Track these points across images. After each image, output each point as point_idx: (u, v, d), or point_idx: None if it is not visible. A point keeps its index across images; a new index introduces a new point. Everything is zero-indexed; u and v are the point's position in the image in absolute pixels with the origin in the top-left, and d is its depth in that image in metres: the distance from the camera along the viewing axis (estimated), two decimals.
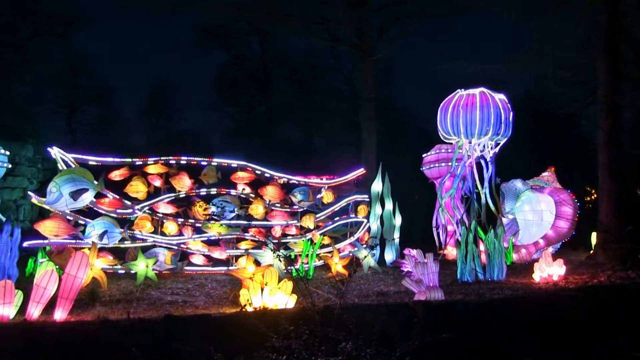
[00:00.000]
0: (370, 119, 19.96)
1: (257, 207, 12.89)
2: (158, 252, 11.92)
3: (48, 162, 18.32)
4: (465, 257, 11.76)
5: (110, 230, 11.43)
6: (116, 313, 8.36)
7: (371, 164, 18.19)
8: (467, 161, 12.49)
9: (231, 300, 9.28)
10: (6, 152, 11.35)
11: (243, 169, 13.01)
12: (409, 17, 20.88)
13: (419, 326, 4.87)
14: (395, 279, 12.19)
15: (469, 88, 12.29)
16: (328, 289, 10.30)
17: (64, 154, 11.83)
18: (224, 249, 12.61)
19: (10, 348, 6.03)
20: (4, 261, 10.54)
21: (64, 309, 7.80)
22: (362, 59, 20.47)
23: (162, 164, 12.46)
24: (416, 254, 11.51)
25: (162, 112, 30.47)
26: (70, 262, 7.90)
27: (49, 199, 11.04)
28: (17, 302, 7.81)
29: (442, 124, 12.37)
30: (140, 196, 12.26)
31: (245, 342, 5.56)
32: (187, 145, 20.83)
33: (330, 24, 21.24)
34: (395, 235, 15.31)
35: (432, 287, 9.49)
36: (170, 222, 12.30)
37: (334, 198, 13.97)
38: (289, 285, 8.30)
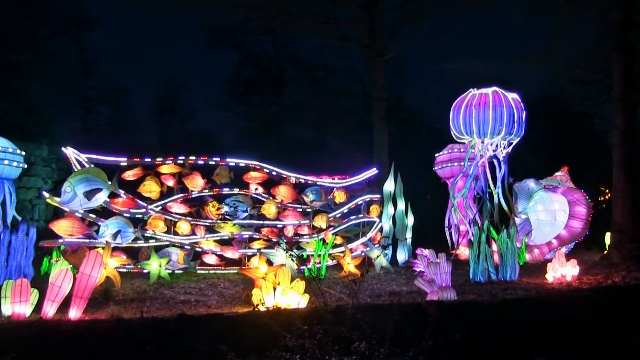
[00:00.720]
0: (382, 119, 19.95)
1: (270, 207, 12.93)
2: (171, 251, 12.00)
3: (62, 162, 18.47)
4: (478, 257, 11.70)
5: (123, 229, 11.52)
6: (130, 312, 8.42)
7: (383, 163, 18.16)
8: (479, 161, 12.45)
9: (243, 300, 9.31)
10: (22, 152, 11.44)
11: (256, 168, 13.05)
12: (420, 16, 20.85)
13: (432, 326, 4.86)
14: (407, 279, 12.16)
15: (481, 87, 12.25)
16: (340, 289, 10.31)
17: (78, 154, 11.94)
18: (237, 249, 12.66)
19: (26, 346, 6.09)
20: (20, 260, 10.70)
21: (79, 308, 7.87)
22: (374, 59, 20.47)
23: (175, 164, 12.54)
24: (428, 254, 11.50)
25: (175, 112, 30.62)
26: (85, 261, 7.97)
27: (63, 198, 11.14)
28: (33, 301, 7.91)
29: (455, 123, 12.34)
30: (154, 196, 12.34)
31: (258, 342, 5.57)
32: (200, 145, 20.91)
33: (341, 24, 21.25)
34: (408, 235, 15.29)
35: (445, 287, 9.47)
36: (183, 222, 12.37)
37: (346, 198, 13.98)
38: (301, 284, 8.31)
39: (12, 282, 7.92)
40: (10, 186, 11.42)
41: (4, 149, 11.03)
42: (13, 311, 7.77)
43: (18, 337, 6.51)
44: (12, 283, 7.90)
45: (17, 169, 11.33)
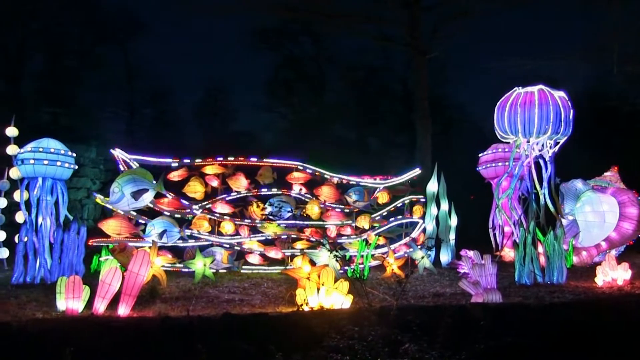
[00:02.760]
0: (424, 118, 19.80)
1: (313, 207, 12.99)
2: (215, 251, 12.17)
3: (109, 163, 18.98)
4: (524, 259, 11.51)
5: (169, 229, 11.75)
6: (176, 310, 8.58)
7: (426, 163, 18.04)
8: (525, 161, 12.24)
9: (287, 300, 9.37)
10: (73, 154, 11.78)
11: (298, 169, 13.13)
12: (462, 14, 20.62)
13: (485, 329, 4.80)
14: (451, 281, 12.05)
15: (526, 86, 12.04)
16: (383, 290, 10.29)
17: (126, 156, 12.23)
18: (280, 249, 12.76)
19: (81, 340, 6.27)
20: (71, 258, 11.03)
21: (127, 305, 8.06)
22: (416, 58, 20.33)
23: (219, 164, 12.72)
24: (473, 256, 11.36)
25: (217, 113, 31.01)
26: (133, 260, 8.17)
27: (111, 199, 11.43)
28: (85, 297, 8.15)
29: (499, 122, 12.16)
30: (198, 196, 12.56)
31: (303, 342, 5.62)
32: (242, 145, 21.19)
33: (382, 23, 21.20)
34: (451, 236, 15.14)
35: (490, 289, 9.34)
36: (227, 222, 12.53)
37: (389, 198, 13.93)
38: (345, 285, 8.33)
39: (65, 279, 8.18)
40: (63, 187, 11.77)
41: (57, 151, 11.38)
42: (67, 306, 8.03)
43: (73, 332, 6.71)
44: (66, 280, 8.15)
45: (69, 170, 11.68)
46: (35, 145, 11.37)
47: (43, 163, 11.24)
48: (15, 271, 10.94)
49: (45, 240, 11.27)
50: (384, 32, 21.84)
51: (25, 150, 11.35)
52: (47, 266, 11.04)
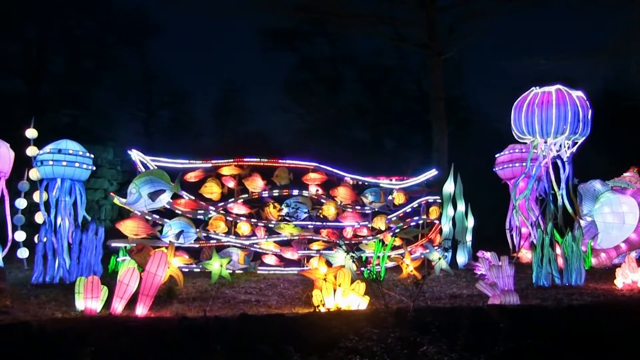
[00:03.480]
0: (440, 119, 19.73)
1: (329, 208, 12.99)
2: (232, 252, 12.22)
3: (126, 164, 19.16)
4: (541, 261, 11.42)
5: (186, 230, 11.82)
6: (193, 310, 8.62)
7: (442, 164, 17.98)
8: (542, 161, 12.14)
9: (304, 301, 9.38)
10: (91, 155, 11.89)
11: (315, 170, 13.14)
12: (479, 14, 20.52)
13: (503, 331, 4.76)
14: (467, 282, 11.99)
15: (544, 85, 11.94)
16: (400, 291, 10.26)
17: (143, 157, 12.33)
18: (296, 250, 12.78)
19: (98, 339, 6.32)
20: (90, 258, 11.14)
21: (145, 305, 8.12)
22: (432, 58, 20.27)
23: (235, 165, 12.77)
24: (490, 257, 11.29)
25: (233, 114, 31.14)
26: (150, 260, 8.22)
27: (129, 199, 11.52)
28: (103, 297, 8.22)
29: (516, 123, 12.07)
30: (215, 197, 12.62)
31: (320, 343, 5.61)
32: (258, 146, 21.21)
33: (398, 23, 21.16)
34: (468, 237, 15.06)
35: (507, 290, 9.27)
36: (244, 223, 12.58)
37: (405, 199, 13.90)
38: (361, 286, 8.32)
39: (84, 279, 8.25)
40: (81, 187, 11.88)
41: (75, 152, 11.49)
42: (85, 306, 8.10)
43: (92, 331, 6.77)
44: (85, 280, 8.23)
45: (87, 171, 11.78)
46: (54, 146, 11.49)
47: (62, 164, 11.36)
48: (35, 271, 11.06)
49: (64, 241, 11.38)
50: (400, 33, 21.81)
51: (44, 152, 11.48)
52: (66, 266, 11.16)
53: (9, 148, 12.75)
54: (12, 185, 13.02)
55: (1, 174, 12.72)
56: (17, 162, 12.84)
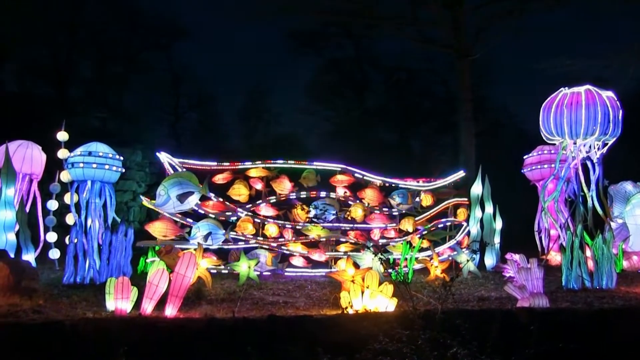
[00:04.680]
0: (468, 120, 19.58)
1: (356, 210, 12.99)
2: (259, 253, 12.29)
3: (155, 166, 19.39)
4: (571, 263, 11.26)
5: (214, 231, 11.91)
6: (221, 312, 8.67)
7: (470, 166, 17.83)
8: (571, 163, 11.99)
9: (331, 302, 9.39)
10: (120, 157, 12.06)
11: (342, 172, 13.16)
12: (506, 14, 20.32)
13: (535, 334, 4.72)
14: (496, 285, 11.88)
15: (573, 86, 11.79)
16: (428, 293, 10.20)
17: (172, 159, 12.47)
18: (324, 251, 12.80)
19: (129, 339, 6.42)
20: (119, 259, 11.29)
21: (174, 306, 8.20)
22: (459, 60, 20.11)
23: (263, 167, 12.85)
24: (519, 259, 11.18)
25: (260, 116, 31.31)
26: (179, 262, 8.31)
27: (158, 201, 11.65)
28: (133, 298, 8.32)
29: (545, 124, 11.93)
30: (243, 199, 12.71)
31: (349, 344, 5.62)
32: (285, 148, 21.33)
33: (424, 25, 21.05)
34: (496, 239, 14.92)
35: (537, 293, 9.17)
36: (271, 225, 12.64)
37: (433, 201, 13.84)
38: (389, 288, 8.30)
39: (114, 280, 8.37)
40: (111, 189, 12.05)
41: (105, 155, 11.66)
42: (116, 307, 8.22)
43: (123, 331, 6.88)
44: (115, 281, 8.35)
45: (117, 173, 11.95)
46: (84, 149, 11.67)
47: (92, 167, 11.53)
48: (66, 272, 11.24)
49: (94, 242, 11.54)
50: (426, 34, 21.72)
51: (75, 154, 11.67)
52: (96, 267, 11.32)
53: (41, 151, 13.03)
54: (44, 187, 13.28)
55: (33, 176, 12.99)
56: (48, 164, 13.11)
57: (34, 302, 8.56)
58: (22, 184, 12.74)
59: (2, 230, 11.57)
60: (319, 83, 31.52)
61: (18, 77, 24.94)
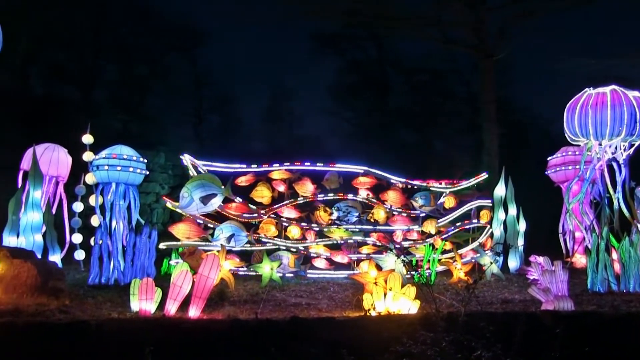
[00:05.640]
0: (491, 122, 19.43)
1: (379, 212, 12.98)
2: (282, 255, 12.32)
3: (177, 169, 19.54)
4: (597, 266, 11.11)
5: (237, 233, 11.98)
6: (244, 313, 8.71)
7: (493, 167, 17.70)
8: (597, 164, 11.83)
9: (354, 304, 9.38)
10: (144, 160, 12.19)
11: (365, 174, 13.15)
12: (529, 14, 20.13)
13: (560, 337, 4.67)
14: (519, 287, 11.77)
15: (598, 86, 11.64)
16: (450, 295, 10.15)
17: (195, 161, 12.56)
18: (346, 253, 12.79)
19: (153, 339, 6.47)
20: (143, 260, 11.40)
21: (198, 307, 8.26)
22: (482, 60, 19.99)
23: (285, 170, 12.88)
24: (543, 261, 11.07)
25: (282, 118, 31.40)
26: (203, 263, 8.38)
27: (181, 203, 11.75)
28: (157, 299, 8.41)
29: (569, 125, 11.81)
30: (265, 201, 12.75)
31: (372, 346, 5.62)
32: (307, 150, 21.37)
33: (447, 25, 20.95)
34: (520, 242, 14.78)
35: (561, 296, 9.07)
36: (294, 226, 12.67)
37: (455, 203, 13.76)
38: (412, 290, 8.28)
39: (139, 281, 8.46)
40: (135, 192, 12.18)
41: (129, 158, 11.80)
42: (140, 307, 8.30)
43: (147, 332, 6.94)
44: (139, 282, 8.44)
45: (141, 175, 12.08)
46: (109, 151, 11.82)
47: (116, 169, 11.66)
48: (91, 272, 11.36)
49: (118, 243, 11.67)
50: (449, 35, 21.61)
51: (99, 157, 11.81)
52: (121, 268, 11.44)
53: (67, 153, 13.22)
54: (70, 189, 13.45)
55: (59, 179, 13.18)
56: (74, 166, 13.28)
57: (60, 302, 8.67)
58: (48, 186, 12.91)
59: (30, 232, 11.75)
60: (341, 84, 31.53)
61: (45, 81, 25.35)
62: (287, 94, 31.86)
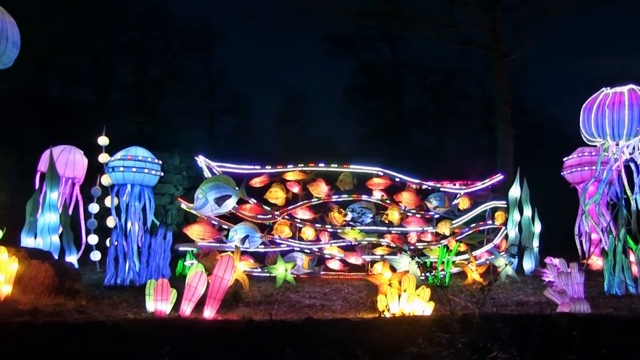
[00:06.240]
0: (506, 123, 19.33)
1: (393, 213, 12.95)
2: (296, 256, 12.33)
3: (192, 170, 19.64)
4: (614, 268, 11.00)
5: (251, 234, 12.01)
6: (259, 314, 8.73)
7: (508, 168, 17.60)
8: (614, 165, 11.72)
9: (368, 306, 9.37)
10: (159, 161, 12.26)
11: (379, 175, 13.13)
12: (544, 14, 20.00)
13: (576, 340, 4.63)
14: (534, 289, 11.70)
15: (615, 86, 11.54)
16: (465, 297, 10.11)
17: (209, 163, 12.62)
18: (360, 255, 12.78)
19: (169, 339, 6.51)
20: (158, 261, 11.47)
21: (213, 308, 8.29)
22: (496, 61, 19.89)
23: (299, 171, 12.90)
24: (559, 263, 10.99)
25: (295, 120, 31.43)
26: (218, 264, 8.41)
27: (196, 204, 11.80)
28: (172, 299, 8.45)
29: (585, 125, 11.70)
30: (279, 202, 12.78)
31: (387, 347, 5.61)
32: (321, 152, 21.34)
33: (461, 26, 20.87)
34: (535, 243, 14.68)
35: (577, 298, 9.00)
36: (308, 228, 12.69)
37: (470, 204, 13.70)
38: (426, 292, 8.26)
39: (154, 282, 8.51)
40: (150, 193, 12.25)
41: (144, 159, 11.87)
42: (155, 308, 8.35)
43: (163, 332, 6.98)
44: (154, 282, 8.49)
45: (156, 177, 12.14)
46: (124, 153, 11.90)
47: (132, 170, 11.73)
48: (107, 273, 11.44)
49: (133, 244, 11.74)
50: (463, 36, 21.51)
51: (115, 159, 11.89)
52: (136, 269, 11.51)
53: (83, 155, 13.33)
54: (86, 190, 13.57)
55: (76, 180, 13.30)
56: (89, 168, 13.39)
57: (77, 303, 8.74)
58: (65, 188, 13.03)
59: (47, 233, 11.85)
60: (355, 86, 31.53)
61: (61, 84, 25.62)
62: (301, 95, 31.94)
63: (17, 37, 10.46)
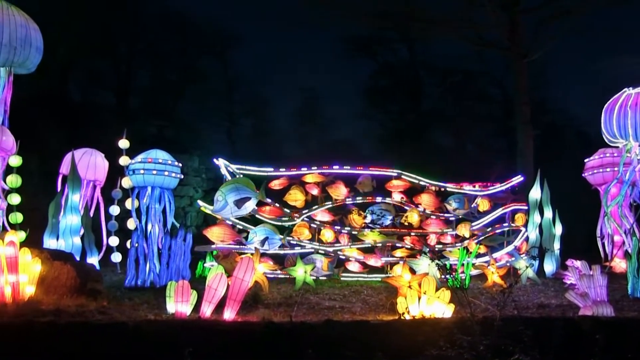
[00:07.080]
0: (526, 124, 19.17)
1: (412, 215, 12.91)
2: (315, 258, 12.33)
3: (211, 172, 19.75)
4: (637, 271, 10.85)
5: (270, 236, 12.05)
6: (278, 316, 8.77)
7: (528, 170, 17.43)
8: (636, 166, 11.59)
9: (388, 308, 9.36)
10: (179, 164, 12.35)
11: (398, 177, 13.10)
12: (564, 14, 19.80)
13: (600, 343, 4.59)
14: (555, 292, 11.58)
15: (637, 86, 11.41)
16: (485, 299, 10.05)
17: (229, 165, 12.68)
18: (380, 257, 12.76)
19: (190, 340, 6.56)
20: (178, 263, 11.55)
21: (233, 310, 8.34)
22: (516, 62, 19.73)
23: (319, 173, 12.90)
24: (580, 266, 10.87)
25: (314, 122, 31.43)
26: (238, 266, 8.46)
27: (215, 207, 11.87)
28: (193, 301, 8.52)
29: (607, 126, 11.61)
30: (299, 204, 12.79)
31: (407, 349, 5.60)
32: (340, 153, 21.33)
33: (480, 27, 20.74)
34: (556, 245, 14.50)
35: (600, 301, 8.90)
36: (327, 230, 12.69)
37: (490, 206, 13.61)
38: (446, 294, 8.23)
39: (175, 283, 8.58)
40: (170, 195, 12.34)
41: (164, 162, 11.96)
42: (176, 309, 8.42)
43: (183, 333, 7.04)
44: (175, 284, 8.56)
45: (175, 179, 12.24)
46: (144, 156, 12.00)
47: (152, 173, 11.83)
48: (128, 275, 11.53)
49: (154, 246, 11.83)
50: (482, 37, 21.37)
51: (135, 161, 12.01)
52: (156, 270, 11.60)
53: (104, 158, 13.48)
54: (106, 193, 13.73)
55: (97, 182, 13.45)
56: (110, 171, 13.55)
57: (98, 304, 8.85)
58: (86, 190, 13.18)
59: (69, 234, 11.98)
60: (374, 87, 31.46)
61: (82, 87, 25.97)
62: (320, 98, 31.94)
63: (40, 43, 10.67)
